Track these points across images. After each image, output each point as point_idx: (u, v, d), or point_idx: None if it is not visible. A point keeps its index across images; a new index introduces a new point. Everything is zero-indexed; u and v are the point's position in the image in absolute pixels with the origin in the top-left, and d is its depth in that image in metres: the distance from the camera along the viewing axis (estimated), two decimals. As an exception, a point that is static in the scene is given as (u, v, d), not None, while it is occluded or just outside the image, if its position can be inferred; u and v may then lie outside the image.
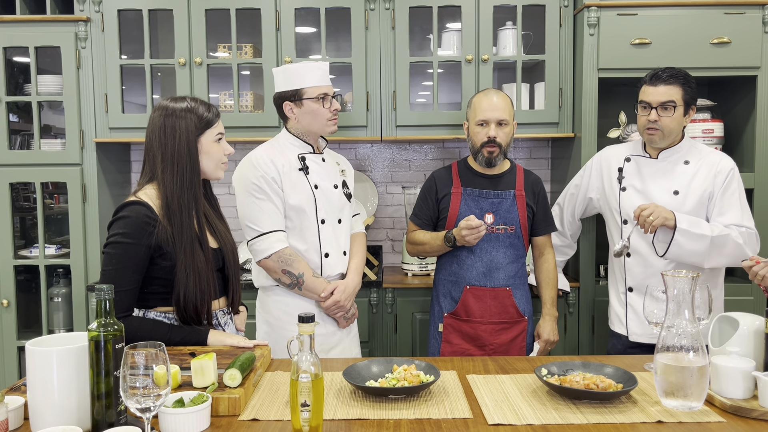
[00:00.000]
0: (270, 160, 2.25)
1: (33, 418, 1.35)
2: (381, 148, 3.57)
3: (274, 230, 2.24)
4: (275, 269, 2.24)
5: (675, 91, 2.30)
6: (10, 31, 3.07)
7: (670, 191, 2.37)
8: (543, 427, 1.39)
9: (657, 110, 2.30)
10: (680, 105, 2.30)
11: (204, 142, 1.85)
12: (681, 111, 2.31)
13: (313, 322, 1.32)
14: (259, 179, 2.23)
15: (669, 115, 2.30)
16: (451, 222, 2.46)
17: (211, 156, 1.86)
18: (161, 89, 3.49)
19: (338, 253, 2.36)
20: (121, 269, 1.72)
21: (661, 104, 2.30)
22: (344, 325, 2.38)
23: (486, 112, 2.41)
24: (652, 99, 2.31)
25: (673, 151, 2.40)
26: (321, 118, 2.30)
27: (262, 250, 2.23)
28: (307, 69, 2.28)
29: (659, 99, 2.30)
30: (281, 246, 2.23)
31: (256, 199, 2.23)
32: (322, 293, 2.28)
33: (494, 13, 3.07)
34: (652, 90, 2.33)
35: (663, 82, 2.31)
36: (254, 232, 2.24)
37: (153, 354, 1.23)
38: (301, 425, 1.30)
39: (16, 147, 3.32)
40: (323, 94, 2.28)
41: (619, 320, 2.49)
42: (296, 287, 2.27)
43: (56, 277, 3.22)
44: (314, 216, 2.30)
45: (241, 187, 2.27)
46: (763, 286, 1.93)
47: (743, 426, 1.40)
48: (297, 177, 2.29)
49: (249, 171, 2.25)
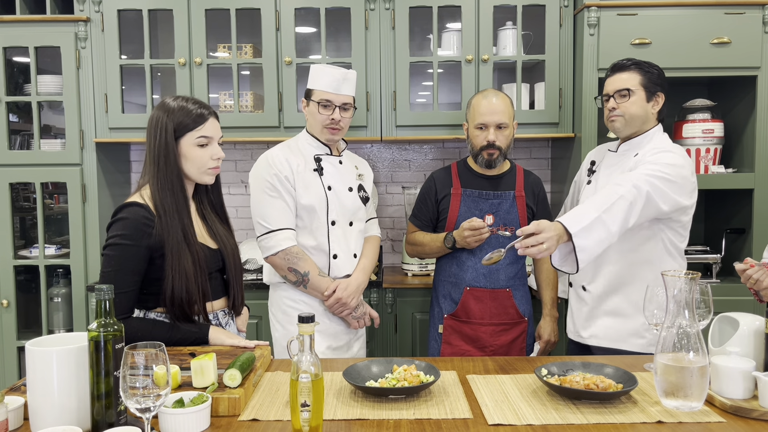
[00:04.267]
0: (285, 159, 2.30)
1: (33, 418, 1.35)
2: (381, 148, 3.57)
3: (283, 228, 2.28)
4: (281, 266, 2.28)
5: (632, 77, 2.25)
6: (10, 31, 3.07)
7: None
8: (543, 427, 1.39)
9: (614, 98, 2.27)
10: (639, 90, 2.24)
11: (183, 145, 1.82)
12: (641, 96, 2.24)
13: (313, 322, 1.32)
14: (272, 177, 2.28)
15: (626, 101, 2.24)
16: (451, 223, 2.46)
17: (191, 160, 1.83)
18: (161, 89, 3.49)
19: (347, 256, 2.38)
20: (120, 271, 1.72)
21: (617, 91, 2.26)
22: (355, 326, 2.40)
23: (485, 116, 2.40)
24: (610, 88, 2.29)
25: (630, 143, 2.31)
26: (318, 123, 2.33)
27: (269, 247, 2.28)
28: (323, 72, 2.32)
29: (616, 87, 2.27)
30: (289, 244, 2.27)
31: (268, 196, 2.28)
32: (326, 291, 2.30)
33: (494, 13, 3.07)
34: (610, 80, 2.30)
35: (619, 70, 2.28)
36: (263, 228, 2.29)
37: (153, 354, 1.23)
38: (301, 425, 1.30)
39: (16, 147, 3.32)
40: (325, 101, 2.30)
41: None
42: (301, 285, 2.30)
43: (56, 277, 3.22)
44: (325, 217, 2.33)
45: (255, 184, 2.32)
46: (754, 289, 1.92)
47: (743, 426, 1.40)
48: (311, 177, 2.32)
49: (264, 169, 2.31)
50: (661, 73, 2.29)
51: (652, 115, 2.28)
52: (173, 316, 1.79)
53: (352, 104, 2.36)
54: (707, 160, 3.05)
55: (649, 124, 2.28)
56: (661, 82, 2.28)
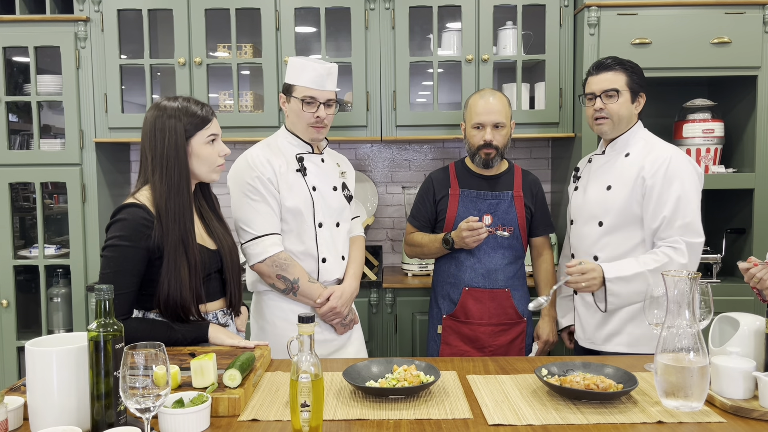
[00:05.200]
0: (266, 160, 2.17)
1: (32, 418, 1.35)
2: (381, 148, 3.57)
3: (269, 233, 2.15)
4: (269, 274, 2.16)
5: (618, 77, 2.24)
6: (10, 31, 3.07)
7: (604, 186, 2.27)
8: (543, 427, 1.39)
9: (601, 98, 2.24)
10: (625, 91, 2.23)
11: (194, 144, 1.81)
12: (627, 97, 2.24)
13: (312, 323, 1.32)
14: (254, 180, 2.15)
15: (614, 102, 2.23)
16: (449, 223, 2.46)
17: (202, 159, 1.83)
18: (161, 89, 3.49)
19: (336, 258, 2.28)
20: (119, 272, 1.71)
21: (604, 92, 2.24)
22: (341, 332, 2.29)
23: (481, 115, 2.39)
24: (596, 88, 2.26)
25: (617, 142, 2.29)
26: (302, 121, 2.20)
27: (256, 254, 2.15)
28: (305, 67, 2.18)
29: (602, 86, 2.24)
30: (276, 250, 2.15)
31: (250, 200, 2.15)
32: (318, 299, 2.19)
33: (494, 13, 3.07)
34: (595, 79, 2.27)
35: (606, 69, 2.26)
36: (248, 234, 2.16)
37: (153, 354, 1.23)
38: (301, 425, 1.30)
39: (16, 147, 3.32)
40: (309, 98, 2.17)
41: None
42: (291, 293, 2.18)
43: (56, 277, 3.22)
44: (312, 219, 2.22)
45: (235, 188, 2.19)
46: (757, 289, 1.92)
47: (743, 426, 1.40)
48: (294, 178, 2.21)
49: (244, 171, 2.17)
50: (642, 74, 2.29)
51: (635, 116, 2.30)
52: (167, 319, 1.79)
53: (335, 100, 2.24)
54: (707, 160, 3.05)
55: (631, 123, 2.29)
56: (642, 82, 2.28)
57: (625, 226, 2.21)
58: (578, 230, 2.34)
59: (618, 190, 2.22)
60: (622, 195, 2.20)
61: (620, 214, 2.21)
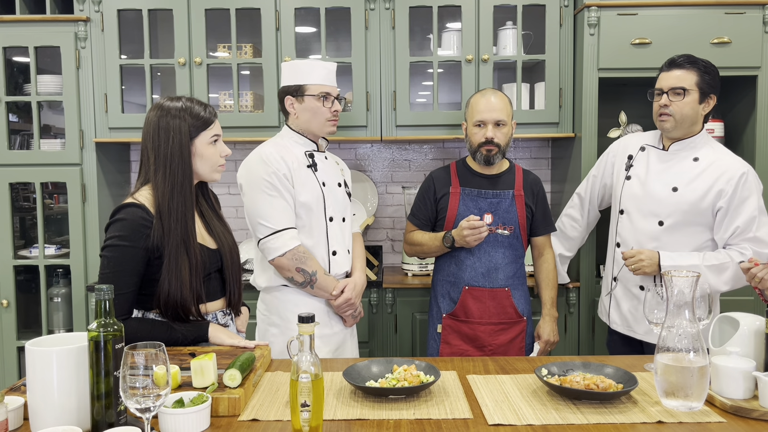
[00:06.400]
0: (280, 157, 2.22)
1: (33, 418, 1.35)
2: (381, 148, 3.57)
3: (288, 227, 2.20)
4: (289, 267, 2.20)
5: (689, 76, 2.22)
6: (10, 31, 3.07)
7: (670, 186, 2.28)
8: (543, 427, 1.39)
9: (668, 95, 2.24)
10: (694, 90, 2.21)
11: (198, 144, 1.82)
12: (695, 97, 2.22)
13: (313, 322, 1.32)
14: (270, 175, 2.19)
15: (680, 100, 2.22)
16: (450, 222, 2.46)
17: (205, 159, 1.84)
18: (161, 89, 3.49)
19: (344, 252, 2.36)
20: (118, 272, 1.71)
21: (672, 89, 2.23)
22: (351, 324, 2.39)
23: (483, 113, 2.40)
24: (664, 84, 2.25)
25: (684, 144, 2.29)
26: (320, 117, 2.28)
27: (276, 248, 2.18)
28: (314, 66, 2.28)
29: (671, 83, 2.23)
30: (295, 243, 2.19)
31: (268, 195, 2.19)
32: (334, 291, 2.27)
33: (494, 13, 3.07)
34: (665, 75, 2.27)
35: (677, 67, 2.25)
36: (267, 229, 2.19)
37: (153, 354, 1.23)
38: (301, 425, 1.30)
39: (16, 147, 3.32)
40: (325, 93, 2.26)
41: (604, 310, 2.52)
42: (308, 285, 2.23)
43: (56, 277, 3.22)
44: (323, 214, 2.29)
45: (250, 184, 2.22)
46: (758, 288, 1.92)
47: (743, 426, 1.40)
48: (306, 174, 2.27)
49: (259, 167, 2.21)
50: (717, 74, 2.27)
51: (701, 117, 2.28)
52: (167, 318, 1.79)
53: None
54: (707, 160, 3.04)
55: (698, 126, 2.29)
56: (715, 84, 2.26)
57: (685, 227, 2.25)
58: (633, 222, 2.34)
59: (685, 194, 2.25)
60: (689, 200, 2.24)
61: (684, 217, 2.25)
